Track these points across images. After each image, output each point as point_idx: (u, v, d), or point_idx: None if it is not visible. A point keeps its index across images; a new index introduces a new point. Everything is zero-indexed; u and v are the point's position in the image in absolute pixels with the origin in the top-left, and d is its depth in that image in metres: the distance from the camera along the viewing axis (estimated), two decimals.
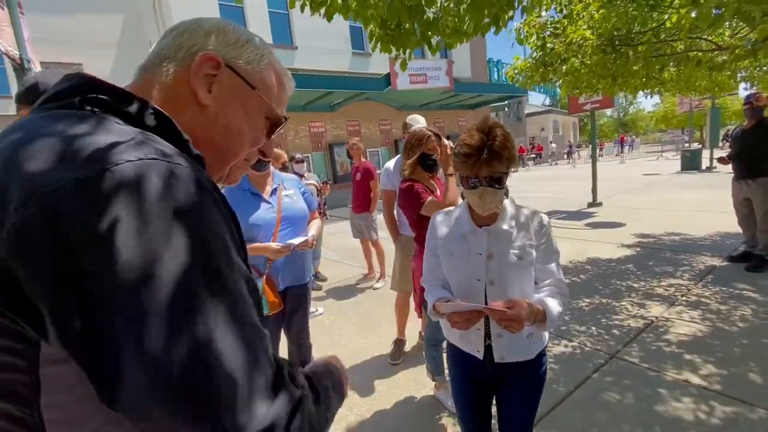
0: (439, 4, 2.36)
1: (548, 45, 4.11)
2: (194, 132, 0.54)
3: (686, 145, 18.69)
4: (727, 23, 3.42)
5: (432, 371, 2.39)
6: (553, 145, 29.72)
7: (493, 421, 1.47)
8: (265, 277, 2.00)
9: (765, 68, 4.71)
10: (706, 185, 9.41)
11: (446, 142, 2.13)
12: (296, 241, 2.03)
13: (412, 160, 2.14)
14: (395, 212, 2.84)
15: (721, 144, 16.55)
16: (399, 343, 2.95)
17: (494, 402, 1.44)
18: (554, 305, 1.17)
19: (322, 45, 12.80)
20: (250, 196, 2.05)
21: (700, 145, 19.08)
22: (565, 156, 28.45)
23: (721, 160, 4.37)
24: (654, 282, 3.82)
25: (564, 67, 4.12)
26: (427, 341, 2.39)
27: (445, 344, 2.37)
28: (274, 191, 2.11)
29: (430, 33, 2.40)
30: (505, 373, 1.32)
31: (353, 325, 3.60)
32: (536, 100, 32.30)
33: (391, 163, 2.93)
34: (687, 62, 3.77)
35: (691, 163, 13.05)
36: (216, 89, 0.57)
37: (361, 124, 13.89)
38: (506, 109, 25.23)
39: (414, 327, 3.27)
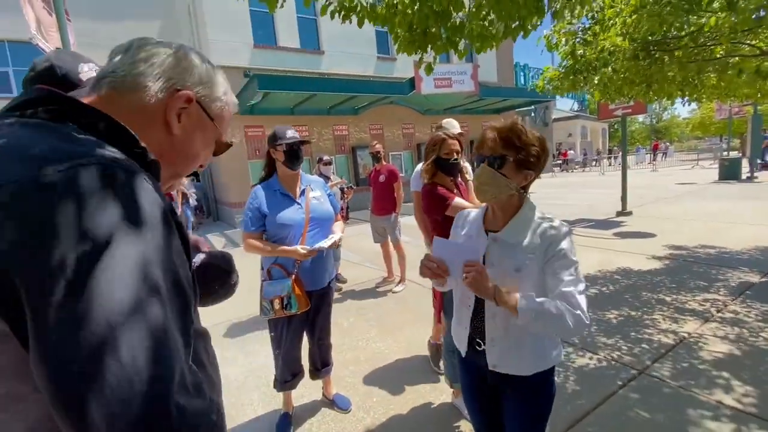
0: (466, 9, 2.35)
1: (578, 52, 4.01)
2: (160, 153, 0.60)
3: (724, 153, 17.77)
4: None
5: (450, 378, 2.36)
6: (571, 151, 28.16)
7: None
8: (293, 276, 2.04)
9: None
10: (745, 196, 8.92)
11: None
12: (325, 243, 2.07)
13: (428, 165, 2.13)
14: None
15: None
16: (438, 348, 2.89)
17: None
18: (531, 296, 1.10)
19: (348, 50, 12.96)
20: (280, 196, 2.10)
21: (741, 154, 18.11)
22: (591, 163, 27.55)
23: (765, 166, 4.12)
24: (687, 296, 3.64)
25: (596, 78, 4.00)
26: (445, 347, 2.37)
27: None
28: (302, 193, 2.16)
29: (457, 38, 2.39)
30: (504, 385, 1.29)
31: (372, 327, 3.60)
32: (564, 105, 31.55)
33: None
34: (726, 69, 3.59)
35: (729, 172, 12.40)
36: (185, 120, 0.64)
37: (384, 127, 13.93)
38: (533, 114, 24.75)
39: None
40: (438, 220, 2.12)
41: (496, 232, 1.25)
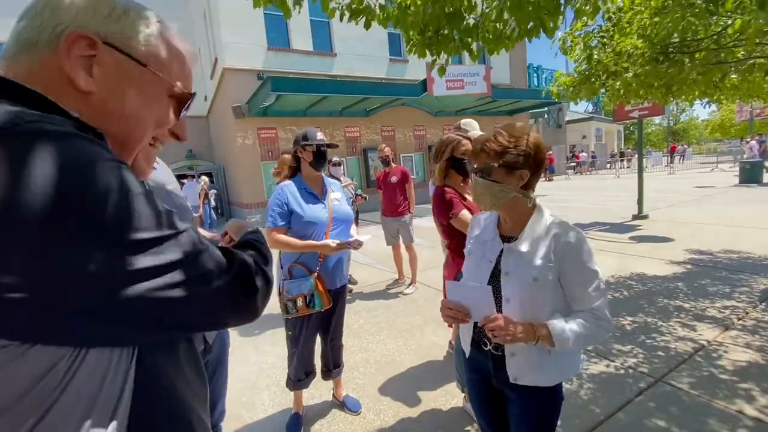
0: (479, 10, 2.34)
1: (594, 57, 3.94)
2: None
3: (745, 156, 17.28)
4: None
5: (461, 382, 2.34)
6: (583, 153, 27.48)
7: None
8: (316, 275, 2.06)
9: None
10: None
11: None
12: (362, 237, 2.11)
13: (441, 166, 2.12)
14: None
15: None
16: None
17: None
18: (562, 325, 1.11)
19: (360, 52, 13.02)
20: (306, 194, 2.14)
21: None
22: (605, 165, 27.06)
23: None
24: (706, 303, 3.54)
25: (617, 83, 3.91)
26: (456, 351, 2.35)
27: None
28: (325, 193, 2.20)
29: (469, 39, 2.38)
30: (509, 390, 1.28)
31: (382, 329, 3.59)
32: (578, 106, 31.05)
33: None
34: (752, 70, 3.48)
35: (751, 175, 12.04)
36: (98, 72, 0.49)
37: (396, 129, 13.94)
38: (546, 116, 24.48)
39: (444, 336, 3.22)
40: (445, 224, 2.11)
41: (511, 238, 1.24)
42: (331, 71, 12.58)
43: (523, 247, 1.19)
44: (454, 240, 2.08)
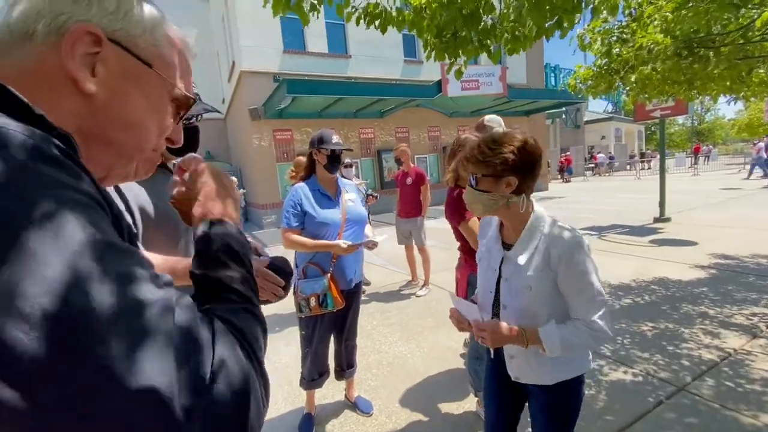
0: (497, 11, 2.31)
1: (614, 51, 3.85)
2: (81, 129, 0.43)
3: (753, 157, 16.54)
4: None
5: (474, 386, 2.31)
6: (600, 154, 26.49)
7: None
8: (329, 275, 2.08)
9: None
10: None
11: None
12: (377, 238, 2.14)
13: (453, 167, 2.09)
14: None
15: None
16: None
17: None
18: (553, 331, 1.12)
19: (375, 54, 13.04)
20: (321, 196, 2.16)
21: None
22: (625, 166, 26.38)
23: None
24: (733, 309, 3.40)
25: (633, 76, 3.81)
26: (470, 354, 2.32)
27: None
28: (339, 194, 2.22)
29: (488, 41, 2.35)
30: (527, 389, 1.31)
31: (395, 331, 3.58)
32: (597, 106, 30.44)
33: None
34: None
35: None
36: (101, 72, 0.45)
37: (410, 130, 13.91)
38: (563, 116, 24.03)
39: (458, 339, 3.19)
40: (456, 227, 2.09)
41: (511, 245, 1.24)
42: (345, 73, 12.65)
43: (519, 255, 1.19)
44: (467, 242, 2.06)
